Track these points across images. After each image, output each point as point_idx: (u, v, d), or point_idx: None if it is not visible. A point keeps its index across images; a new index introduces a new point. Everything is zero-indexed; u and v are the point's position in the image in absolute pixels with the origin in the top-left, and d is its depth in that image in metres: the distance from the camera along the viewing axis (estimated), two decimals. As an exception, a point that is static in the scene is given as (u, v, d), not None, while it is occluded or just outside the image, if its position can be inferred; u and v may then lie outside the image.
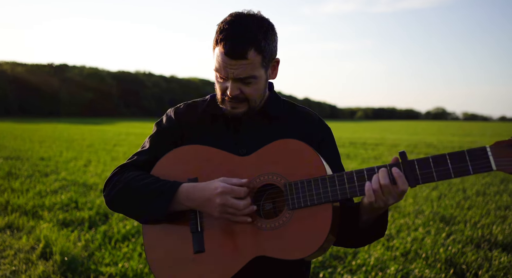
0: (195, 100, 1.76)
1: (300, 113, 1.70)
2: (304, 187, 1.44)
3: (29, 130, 25.29)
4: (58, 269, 3.97)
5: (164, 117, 1.73)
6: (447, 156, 1.33)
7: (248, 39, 1.46)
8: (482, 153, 1.29)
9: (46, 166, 10.10)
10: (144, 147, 1.69)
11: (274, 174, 1.49)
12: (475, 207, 6.70)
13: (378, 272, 4.05)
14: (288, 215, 1.45)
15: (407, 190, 1.36)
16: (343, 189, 1.41)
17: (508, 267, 4.16)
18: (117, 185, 1.58)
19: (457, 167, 1.32)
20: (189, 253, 1.52)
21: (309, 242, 1.40)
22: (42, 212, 5.87)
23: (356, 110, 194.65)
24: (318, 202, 1.42)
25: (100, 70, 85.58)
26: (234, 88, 1.51)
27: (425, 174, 1.35)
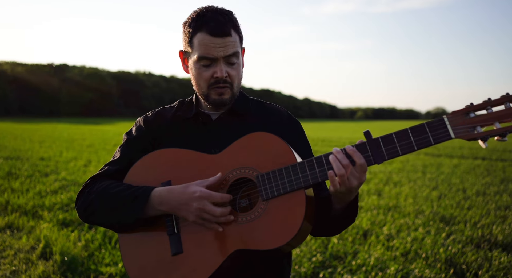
0: (163, 107, 1.78)
1: (269, 110, 1.73)
2: (276, 176, 1.44)
3: (29, 130, 25.29)
4: (58, 269, 3.97)
5: (133, 127, 1.73)
6: (408, 130, 1.37)
7: (228, 19, 1.55)
8: (441, 123, 1.33)
9: (46, 166, 10.09)
10: (115, 157, 1.69)
11: (245, 168, 1.49)
12: (475, 207, 6.70)
13: (378, 272, 4.05)
14: (263, 206, 1.45)
15: (365, 165, 1.37)
16: (313, 174, 1.42)
17: (508, 267, 4.16)
18: (89, 196, 1.58)
19: (418, 139, 1.35)
20: (167, 256, 1.52)
21: (285, 229, 1.39)
22: (42, 212, 5.87)
23: (356, 110, 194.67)
24: (291, 189, 1.42)
25: (100, 70, 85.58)
26: (223, 70, 1.54)
27: (390, 150, 1.37)
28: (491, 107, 1.32)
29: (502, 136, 1.31)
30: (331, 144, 19.87)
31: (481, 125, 1.32)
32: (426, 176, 9.96)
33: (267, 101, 1.78)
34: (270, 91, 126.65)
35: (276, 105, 1.77)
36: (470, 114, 1.33)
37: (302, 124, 1.76)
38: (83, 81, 77.62)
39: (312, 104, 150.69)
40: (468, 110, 1.33)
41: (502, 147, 19.12)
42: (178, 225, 1.53)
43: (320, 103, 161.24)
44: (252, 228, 1.43)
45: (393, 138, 1.38)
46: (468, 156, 14.75)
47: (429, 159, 13.81)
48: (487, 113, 1.31)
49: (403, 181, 9.07)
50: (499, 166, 11.94)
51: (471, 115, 1.32)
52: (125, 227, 1.56)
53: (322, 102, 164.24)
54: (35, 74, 74.40)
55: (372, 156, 1.38)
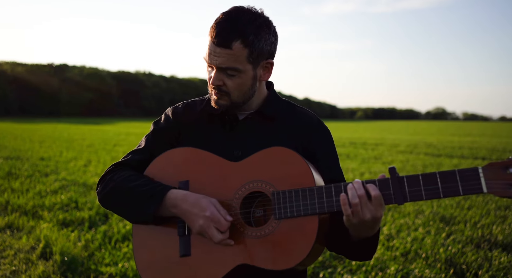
0: (194, 99, 1.75)
1: (299, 115, 1.67)
2: (292, 197, 1.42)
3: (29, 130, 25.29)
4: (58, 269, 3.97)
5: (162, 116, 1.72)
6: (437, 174, 1.29)
7: (236, 30, 1.45)
8: (474, 174, 1.24)
9: (46, 166, 10.09)
10: (140, 146, 1.68)
11: (263, 182, 1.48)
12: (475, 207, 6.70)
13: (378, 272, 4.05)
14: (274, 224, 1.44)
15: (381, 198, 1.32)
16: (330, 202, 1.38)
17: (508, 267, 4.16)
18: (109, 184, 1.59)
19: (446, 186, 1.27)
20: (176, 256, 1.52)
21: (294, 253, 1.38)
22: (42, 212, 5.87)
23: (356, 110, 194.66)
24: (305, 214, 1.40)
25: (100, 70, 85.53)
26: (216, 78, 1.51)
27: (414, 192, 1.31)
28: None
29: None
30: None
31: None
32: (426, 176, 9.94)
33: (299, 105, 1.72)
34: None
35: (307, 110, 1.71)
36: (510, 169, 1.22)
37: None
38: (83, 81, 77.57)
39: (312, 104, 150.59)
40: (508, 164, 1.23)
41: (502, 147, 19.12)
42: (189, 227, 1.52)
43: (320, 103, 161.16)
44: (261, 244, 1.43)
45: (419, 180, 1.31)
46: (468, 156, 14.75)
47: (429, 159, 13.81)
48: None
49: (403, 181, 9.06)
50: (499, 166, 11.92)
51: (510, 171, 1.22)
52: (137, 221, 1.57)
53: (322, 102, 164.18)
54: (35, 74, 74.36)
55: (394, 195, 1.32)
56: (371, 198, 1.32)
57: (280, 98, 1.71)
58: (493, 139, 28.28)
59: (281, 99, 1.71)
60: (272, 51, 1.57)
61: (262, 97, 1.66)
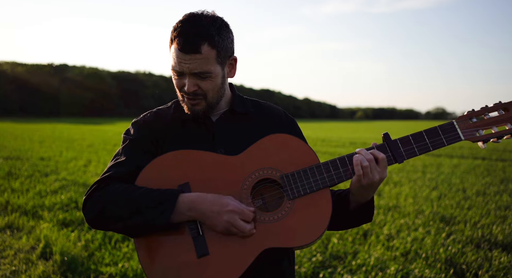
0: (158, 108, 1.75)
1: (266, 109, 1.75)
2: (301, 176, 1.52)
3: (29, 130, 25.29)
4: (58, 269, 3.97)
5: (132, 128, 1.68)
6: (423, 132, 1.53)
7: (201, 34, 1.48)
8: (451, 126, 1.52)
9: (46, 166, 10.09)
10: (119, 159, 1.60)
11: (268, 169, 1.53)
12: (475, 207, 6.70)
13: (378, 272, 4.05)
14: (289, 205, 1.50)
15: (385, 160, 1.50)
16: (338, 173, 1.53)
17: (508, 267, 4.16)
18: (102, 200, 1.49)
19: (433, 140, 1.52)
20: (193, 258, 1.48)
21: (316, 225, 1.47)
22: (42, 212, 5.87)
23: (356, 110, 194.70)
24: (317, 188, 1.51)
25: (100, 70, 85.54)
26: (191, 84, 1.53)
27: (408, 150, 1.52)
28: (488, 113, 1.52)
29: (498, 138, 1.52)
30: (331, 143, 19.88)
31: (482, 129, 1.52)
32: (426, 176, 9.96)
33: (261, 100, 1.81)
34: (270, 91, 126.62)
35: (272, 104, 1.80)
36: (472, 119, 1.52)
37: (302, 124, 1.77)
38: (83, 81, 77.54)
39: (312, 104, 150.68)
40: (470, 115, 1.52)
41: (502, 146, 19.12)
42: (202, 227, 1.50)
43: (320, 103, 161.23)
44: (281, 226, 1.48)
45: (410, 139, 1.53)
46: (468, 156, 14.75)
47: (429, 159, 13.81)
48: (486, 119, 1.52)
49: (403, 181, 9.07)
50: (499, 166, 11.94)
51: (474, 120, 1.52)
52: (145, 232, 1.50)
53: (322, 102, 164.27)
54: (35, 74, 74.36)
55: (393, 156, 1.52)
56: (378, 161, 1.50)
57: (244, 96, 1.77)
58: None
59: (244, 97, 1.77)
60: (233, 48, 1.62)
61: (228, 96, 1.70)
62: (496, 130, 1.51)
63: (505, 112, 1.51)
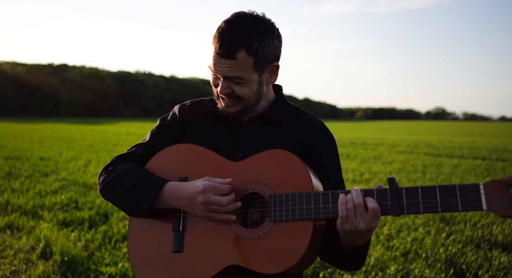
0: (202, 98, 1.75)
1: (305, 120, 1.65)
2: (288, 201, 1.41)
3: (29, 130, 25.28)
4: (58, 269, 3.97)
5: (170, 113, 1.75)
6: (437, 188, 1.28)
7: (240, 40, 1.44)
8: (474, 190, 1.23)
9: (46, 166, 10.09)
10: (145, 140, 1.71)
11: (261, 183, 1.48)
12: (475, 207, 6.69)
13: (378, 272, 4.05)
14: (269, 227, 1.43)
15: (378, 211, 1.31)
16: (326, 208, 1.38)
17: (508, 267, 4.16)
18: (110, 175, 1.61)
19: (445, 201, 1.26)
20: (168, 251, 1.52)
21: (286, 257, 1.37)
22: (42, 212, 5.87)
23: (356, 110, 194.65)
24: (300, 218, 1.39)
25: (100, 70, 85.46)
26: (224, 87, 1.52)
27: (412, 204, 1.30)
28: None
29: None
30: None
31: None
32: (426, 176, 9.96)
33: (306, 110, 1.71)
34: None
35: (313, 115, 1.71)
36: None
37: None
38: (83, 81, 77.49)
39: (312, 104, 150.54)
40: (509, 183, 1.20)
41: (502, 147, 19.12)
42: (185, 223, 1.52)
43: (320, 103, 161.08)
44: (254, 247, 1.42)
45: (418, 193, 1.30)
46: (468, 156, 14.75)
47: (429, 159, 13.81)
48: None
49: (403, 181, 9.07)
50: (499, 166, 11.94)
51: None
52: (134, 213, 1.58)
53: (322, 102, 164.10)
54: (35, 74, 74.29)
55: (391, 206, 1.32)
56: (368, 209, 1.32)
57: (288, 103, 1.69)
58: (493, 138, 28.27)
59: (288, 103, 1.69)
60: (277, 54, 1.55)
61: (269, 100, 1.65)
62: None
63: None
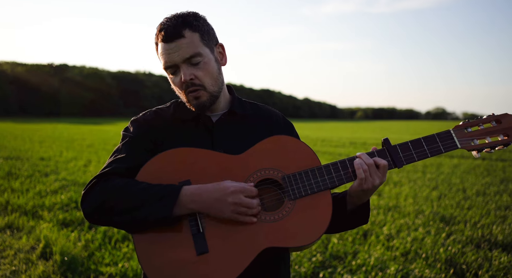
0: (158, 107, 1.75)
1: (265, 112, 1.77)
2: (303, 177, 1.55)
3: (29, 130, 25.29)
4: (58, 269, 3.97)
5: (131, 125, 1.67)
6: (421, 139, 1.59)
7: (180, 22, 1.53)
8: (448, 135, 1.60)
9: (46, 166, 10.09)
10: (118, 155, 1.59)
11: (270, 169, 1.55)
12: (475, 207, 6.70)
13: (378, 272, 4.05)
14: (290, 205, 1.52)
15: (386, 166, 1.53)
16: (339, 176, 1.56)
17: (508, 267, 4.16)
18: (102, 194, 1.48)
19: (431, 147, 1.58)
20: (191, 255, 1.47)
21: (316, 226, 1.49)
22: (42, 212, 5.87)
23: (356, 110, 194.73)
24: (318, 190, 1.54)
25: (100, 70, 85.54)
26: (186, 73, 1.53)
27: (407, 156, 1.58)
28: (482, 124, 1.61)
29: (491, 148, 1.60)
30: (331, 143, 19.88)
31: (477, 139, 1.60)
32: (426, 176, 9.96)
33: (260, 103, 1.82)
34: (270, 91, 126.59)
35: (270, 107, 1.82)
36: (468, 129, 1.61)
37: (302, 125, 1.79)
38: (83, 81, 77.54)
39: (312, 104, 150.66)
40: (466, 125, 1.61)
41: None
42: (202, 224, 1.50)
43: (320, 103, 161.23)
44: (282, 226, 1.49)
45: (409, 146, 1.58)
46: (468, 156, 14.75)
47: (429, 159, 13.80)
48: (480, 129, 1.61)
49: (403, 181, 9.07)
50: (499, 166, 11.94)
51: (469, 130, 1.61)
52: (145, 226, 1.48)
53: (322, 102, 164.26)
54: (35, 74, 74.33)
55: (392, 161, 1.57)
56: (379, 166, 1.53)
57: (243, 99, 1.79)
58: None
59: (243, 100, 1.79)
60: (216, 37, 1.64)
61: (227, 98, 1.72)
62: (490, 140, 1.60)
63: (498, 124, 1.60)
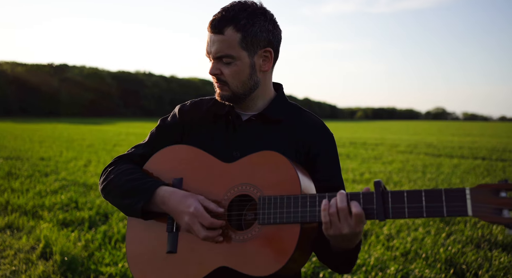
0: (202, 98, 1.75)
1: (304, 119, 1.63)
2: (277, 204, 1.40)
3: (29, 130, 25.28)
4: (58, 269, 3.97)
5: (171, 113, 1.75)
6: (423, 192, 1.25)
7: (228, 16, 1.48)
8: (460, 195, 1.19)
9: (46, 166, 10.09)
10: (144, 141, 1.73)
11: (251, 185, 1.47)
12: (475, 207, 6.69)
13: (378, 272, 4.05)
14: (257, 229, 1.42)
15: (362, 216, 1.28)
16: (312, 212, 1.36)
17: (508, 267, 4.16)
18: (109, 176, 1.64)
19: (430, 206, 1.23)
20: (163, 251, 1.54)
21: (273, 260, 1.36)
22: (42, 212, 5.87)
23: (356, 110, 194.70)
24: (287, 221, 1.38)
25: (100, 70, 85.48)
26: (213, 68, 1.53)
27: (397, 209, 1.27)
28: None
29: None
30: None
31: (509, 209, 1.12)
32: (426, 176, 9.96)
33: (306, 109, 1.68)
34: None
35: (314, 115, 1.68)
36: (500, 194, 1.13)
37: None
38: (83, 81, 77.49)
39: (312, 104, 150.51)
40: (499, 187, 1.14)
41: (502, 146, 19.11)
42: (177, 224, 1.55)
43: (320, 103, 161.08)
44: (242, 249, 1.43)
45: (403, 197, 1.27)
46: (468, 156, 14.75)
47: (429, 159, 13.80)
48: None
49: (403, 181, 9.07)
50: (499, 166, 11.93)
51: (502, 195, 1.13)
52: (129, 214, 1.60)
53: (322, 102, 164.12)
54: (35, 74, 74.28)
55: (376, 210, 1.29)
56: (352, 214, 1.29)
57: (288, 101, 1.67)
58: (493, 138, 28.27)
59: (288, 102, 1.67)
60: (270, 39, 1.53)
61: (268, 98, 1.63)
62: None
63: None
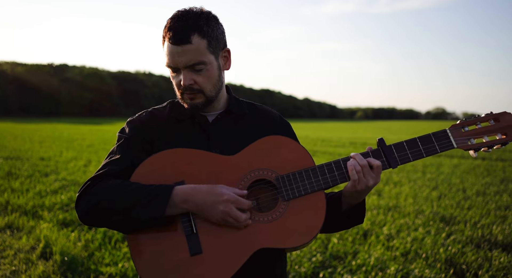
0: (154, 107, 1.75)
1: (262, 111, 1.77)
2: (297, 178, 1.54)
3: (29, 130, 25.28)
4: (58, 269, 3.97)
5: (127, 126, 1.67)
6: (417, 139, 1.56)
7: (190, 26, 1.50)
8: (444, 134, 1.56)
9: (46, 166, 10.09)
10: (113, 157, 1.60)
11: (264, 170, 1.55)
12: (475, 207, 6.70)
13: (378, 272, 4.05)
14: (284, 206, 1.52)
15: (380, 167, 1.52)
16: (333, 176, 1.55)
17: (508, 267, 4.16)
18: (95, 196, 1.48)
19: (426, 147, 1.56)
20: (185, 256, 1.48)
21: (310, 227, 1.49)
22: (42, 212, 5.87)
23: (356, 110, 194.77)
24: (312, 191, 1.54)
25: (100, 70, 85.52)
26: (186, 78, 1.53)
27: (402, 156, 1.56)
28: (479, 123, 1.57)
29: (489, 147, 1.55)
30: (331, 143, 19.88)
31: (474, 138, 1.56)
32: (426, 176, 9.96)
33: (257, 103, 1.81)
34: (270, 91, 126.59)
35: (267, 107, 1.82)
36: (465, 128, 1.56)
37: (302, 125, 1.78)
38: (83, 81, 77.51)
39: (312, 104, 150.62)
40: (463, 124, 1.57)
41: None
42: (195, 224, 1.50)
43: (320, 103, 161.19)
44: (276, 226, 1.49)
45: (404, 146, 1.56)
46: (468, 156, 14.75)
47: (429, 159, 13.80)
48: (478, 128, 1.56)
49: (403, 181, 9.07)
50: (499, 166, 11.94)
51: (466, 129, 1.56)
52: (138, 227, 1.48)
53: (322, 102, 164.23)
54: (35, 74, 74.29)
55: (387, 161, 1.55)
56: (373, 167, 1.52)
57: (240, 99, 1.78)
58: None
59: (241, 99, 1.78)
60: (225, 40, 1.62)
61: (225, 96, 1.71)
62: (487, 139, 1.56)
63: (496, 122, 1.55)
